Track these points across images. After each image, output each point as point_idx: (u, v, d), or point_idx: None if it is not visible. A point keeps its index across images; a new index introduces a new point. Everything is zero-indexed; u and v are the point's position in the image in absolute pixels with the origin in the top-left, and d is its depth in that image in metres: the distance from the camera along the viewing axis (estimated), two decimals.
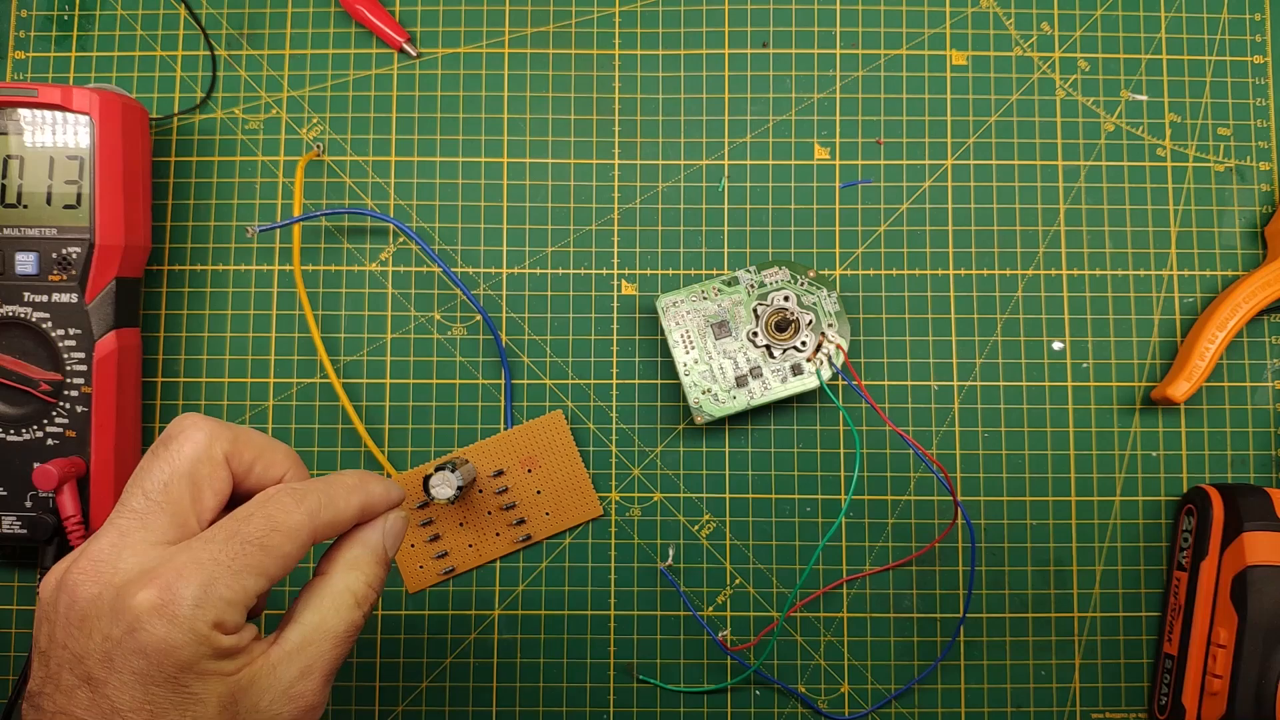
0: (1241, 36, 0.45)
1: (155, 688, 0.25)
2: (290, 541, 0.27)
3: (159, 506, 0.27)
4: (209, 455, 0.28)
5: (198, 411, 0.29)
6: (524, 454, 0.42)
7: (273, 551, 0.27)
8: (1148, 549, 0.43)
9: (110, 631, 0.25)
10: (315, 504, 0.28)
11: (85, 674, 0.25)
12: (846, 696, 0.42)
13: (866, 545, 0.43)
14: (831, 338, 0.41)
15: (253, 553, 0.26)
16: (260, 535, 0.27)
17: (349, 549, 0.30)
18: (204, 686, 0.26)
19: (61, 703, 0.25)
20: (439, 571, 0.42)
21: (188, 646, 0.25)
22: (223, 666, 0.26)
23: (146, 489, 0.27)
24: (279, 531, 0.27)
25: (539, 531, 0.43)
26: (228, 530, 0.27)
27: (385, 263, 0.44)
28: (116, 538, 0.27)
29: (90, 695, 0.25)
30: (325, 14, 0.45)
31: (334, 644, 0.29)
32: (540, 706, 0.42)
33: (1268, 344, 0.44)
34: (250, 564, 0.26)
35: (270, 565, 0.27)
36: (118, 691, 0.25)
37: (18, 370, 0.39)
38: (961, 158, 0.45)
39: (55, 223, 0.39)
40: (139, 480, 0.28)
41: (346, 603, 0.29)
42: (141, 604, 0.25)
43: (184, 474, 0.28)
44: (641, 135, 0.45)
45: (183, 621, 0.25)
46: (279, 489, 0.28)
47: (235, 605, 0.26)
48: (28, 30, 0.45)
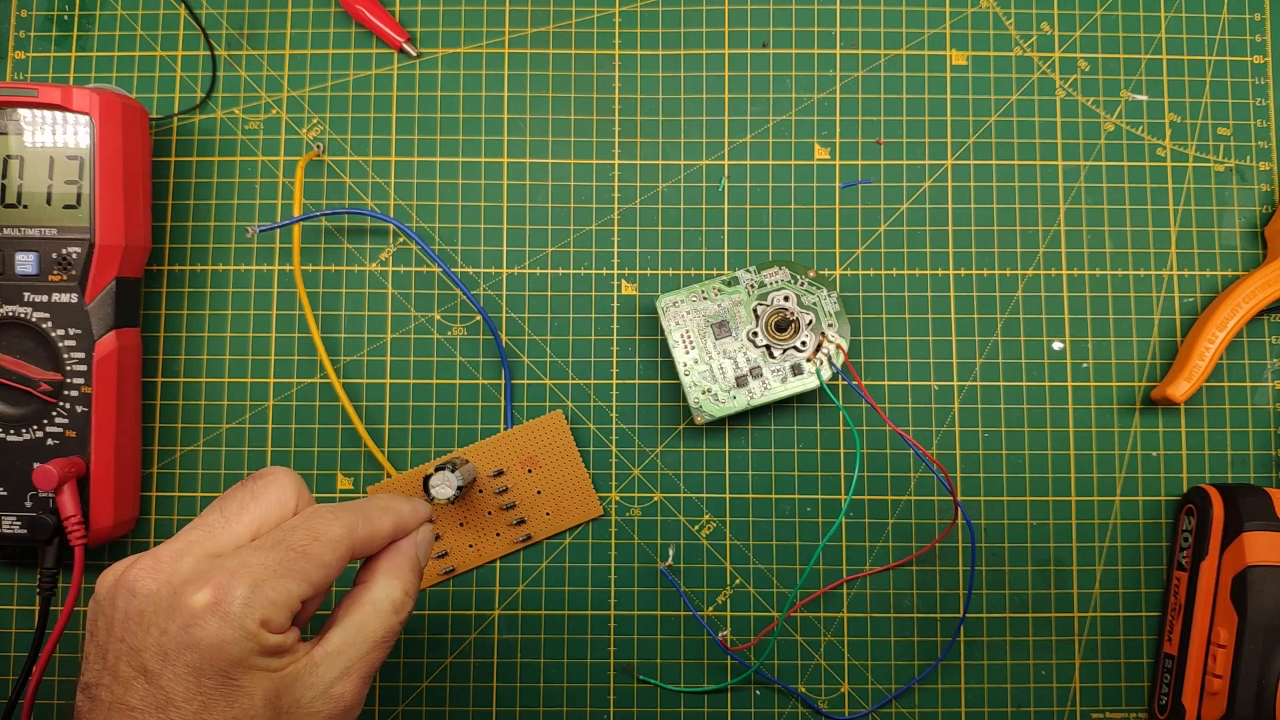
0: (1241, 36, 0.45)
1: (207, 680, 0.27)
2: (331, 551, 0.30)
3: (230, 523, 0.30)
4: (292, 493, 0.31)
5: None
6: (524, 454, 0.42)
7: (315, 559, 0.29)
8: (1148, 549, 0.43)
9: (167, 627, 0.27)
10: (353, 519, 0.31)
11: (142, 666, 0.27)
12: (846, 696, 0.42)
13: (866, 545, 0.43)
14: (831, 338, 0.41)
15: (296, 559, 0.29)
16: (304, 544, 0.29)
17: (387, 559, 0.33)
18: (251, 681, 0.27)
19: (119, 693, 0.27)
20: (439, 571, 0.42)
21: (237, 643, 0.27)
22: (269, 663, 0.28)
23: (226, 508, 0.30)
24: (320, 541, 0.29)
25: (539, 531, 0.43)
26: (274, 539, 0.29)
27: (385, 263, 0.44)
28: (183, 545, 0.29)
29: (146, 686, 0.27)
30: (325, 14, 0.45)
31: (373, 647, 0.31)
32: (540, 706, 0.42)
33: (1268, 344, 0.44)
34: (294, 569, 0.29)
35: (313, 572, 0.29)
36: (172, 683, 0.27)
37: (18, 370, 0.39)
38: (961, 158, 0.45)
39: (55, 223, 0.39)
40: (221, 503, 0.30)
41: (385, 609, 0.31)
42: (197, 603, 0.27)
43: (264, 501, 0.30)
44: (641, 135, 0.45)
45: (234, 619, 0.27)
46: (318, 508, 0.31)
47: (280, 606, 0.28)
48: (28, 30, 0.45)
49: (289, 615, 0.28)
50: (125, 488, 0.41)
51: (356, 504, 0.32)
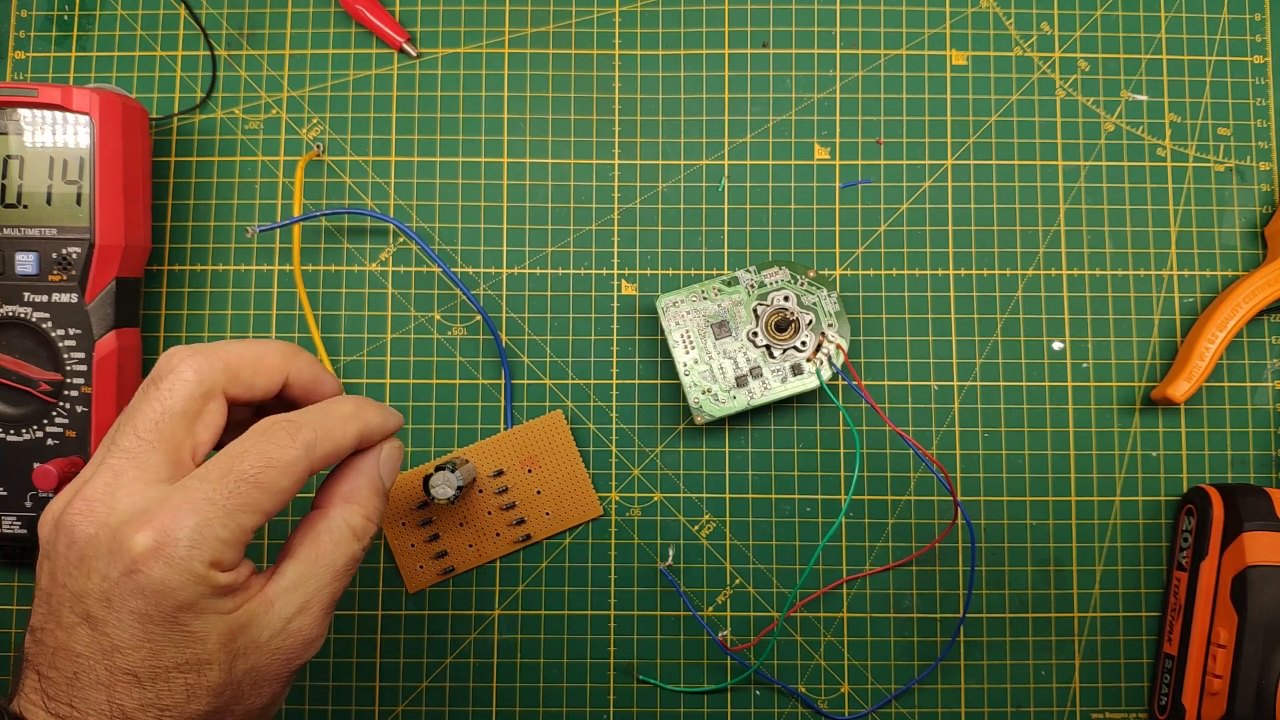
0: (1241, 36, 0.45)
1: (154, 626, 0.25)
2: (286, 477, 0.27)
3: (151, 446, 0.27)
4: (202, 392, 0.28)
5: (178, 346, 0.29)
6: (524, 454, 0.42)
7: (268, 488, 0.27)
8: (1148, 549, 0.43)
9: (108, 572, 0.25)
10: (311, 437, 0.28)
11: (85, 612, 0.26)
12: (846, 696, 0.42)
13: (866, 545, 0.43)
14: (831, 338, 0.41)
15: (248, 490, 0.26)
16: (255, 472, 0.27)
17: (346, 481, 0.30)
18: (203, 624, 0.26)
19: (62, 639, 0.26)
20: (439, 571, 0.42)
21: (185, 587, 0.25)
22: (221, 605, 0.26)
23: (139, 428, 0.27)
24: (274, 468, 0.27)
25: (539, 531, 0.43)
26: (222, 468, 0.27)
27: (385, 263, 0.44)
28: (110, 478, 0.26)
29: (90, 633, 0.26)
30: (325, 14, 0.45)
31: (333, 578, 0.29)
32: (540, 706, 0.42)
33: (1268, 344, 0.44)
34: (246, 502, 0.26)
35: (266, 501, 0.27)
36: (117, 630, 0.25)
37: (18, 370, 0.39)
38: (961, 158, 0.45)
39: (55, 223, 0.39)
40: (130, 419, 0.27)
41: (345, 536, 0.29)
42: (138, 546, 0.25)
43: (177, 412, 0.27)
44: (641, 135, 0.45)
45: (179, 563, 0.25)
46: (273, 423, 0.28)
47: (231, 544, 0.26)
48: (28, 30, 0.45)
49: (241, 551, 0.27)
50: None
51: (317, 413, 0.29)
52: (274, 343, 0.30)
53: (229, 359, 0.28)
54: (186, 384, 0.27)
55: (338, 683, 0.42)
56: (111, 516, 0.26)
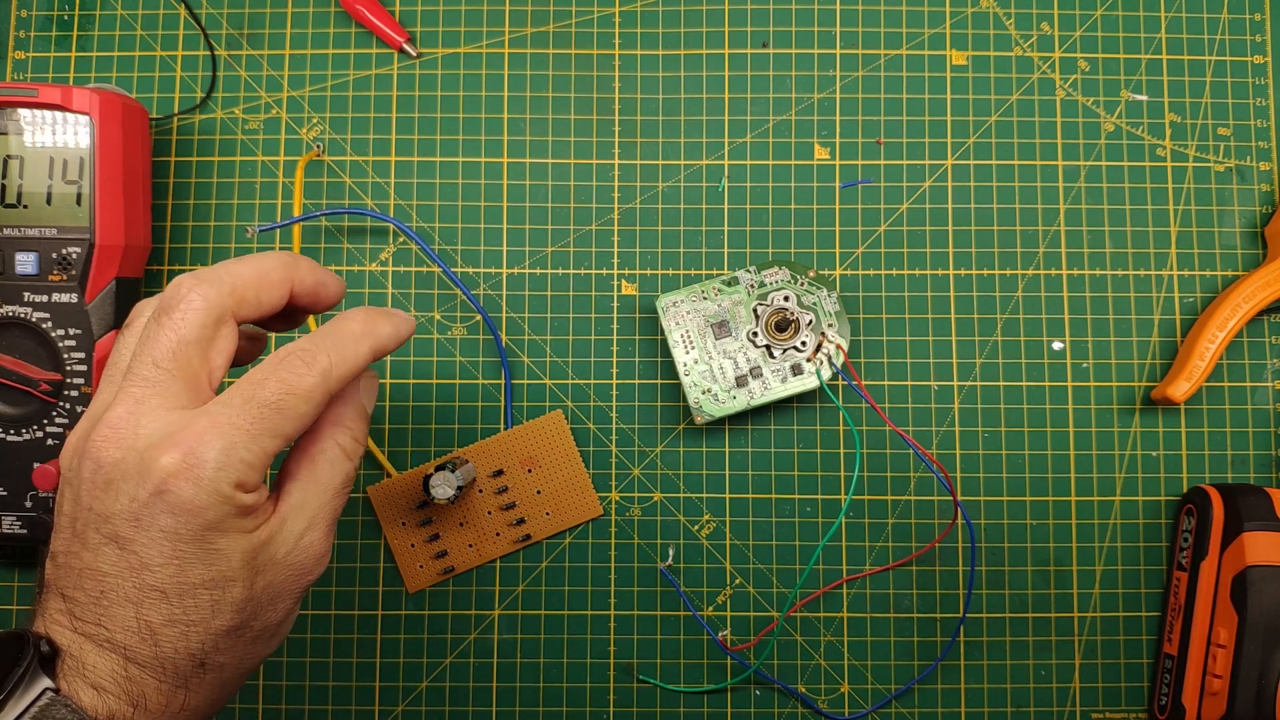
0: (1241, 36, 0.45)
1: (183, 544, 0.26)
2: (305, 403, 0.28)
3: (170, 374, 0.28)
4: (215, 319, 0.28)
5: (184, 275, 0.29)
6: (524, 454, 0.42)
7: (289, 413, 0.28)
8: (1148, 549, 0.43)
9: (136, 493, 0.26)
10: (327, 363, 0.29)
11: (113, 533, 0.26)
12: (846, 696, 0.42)
13: (866, 545, 0.43)
14: (831, 338, 0.41)
15: (270, 416, 0.27)
16: (276, 399, 0.27)
17: (332, 409, 0.31)
18: (228, 542, 0.27)
19: (89, 560, 0.27)
20: (439, 571, 0.42)
21: (213, 507, 0.26)
22: (244, 524, 0.27)
23: (156, 358, 0.28)
24: (294, 394, 0.28)
25: (539, 531, 0.43)
26: (244, 394, 0.27)
27: (385, 263, 0.44)
28: (133, 405, 0.27)
29: (118, 552, 0.26)
30: (325, 14, 0.45)
31: (333, 495, 0.30)
32: (540, 706, 0.42)
33: (1268, 344, 0.44)
34: (268, 427, 0.27)
35: (287, 426, 0.28)
36: (145, 549, 0.26)
37: (18, 370, 0.39)
38: (961, 158, 0.45)
39: (55, 223, 0.39)
40: (146, 349, 0.28)
41: (338, 456, 0.30)
42: (167, 466, 0.26)
43: (192, 340, 0.28)
44: (641, 135, 0.45)
45: (207, 483, 0.26)
46: (289, 352, 0.29)
47: (255, 467, 0.27)
48: (28, 30, 0.45)
49: (263, 474, 0.28)
50: None
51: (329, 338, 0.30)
52: (274, 255, 0.30)
53: (235, 282, 0.29)
54: (198, 312, 0.28)
55: (338, 683, 0.42)
56: (138, 440, 0.26)
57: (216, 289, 0.29)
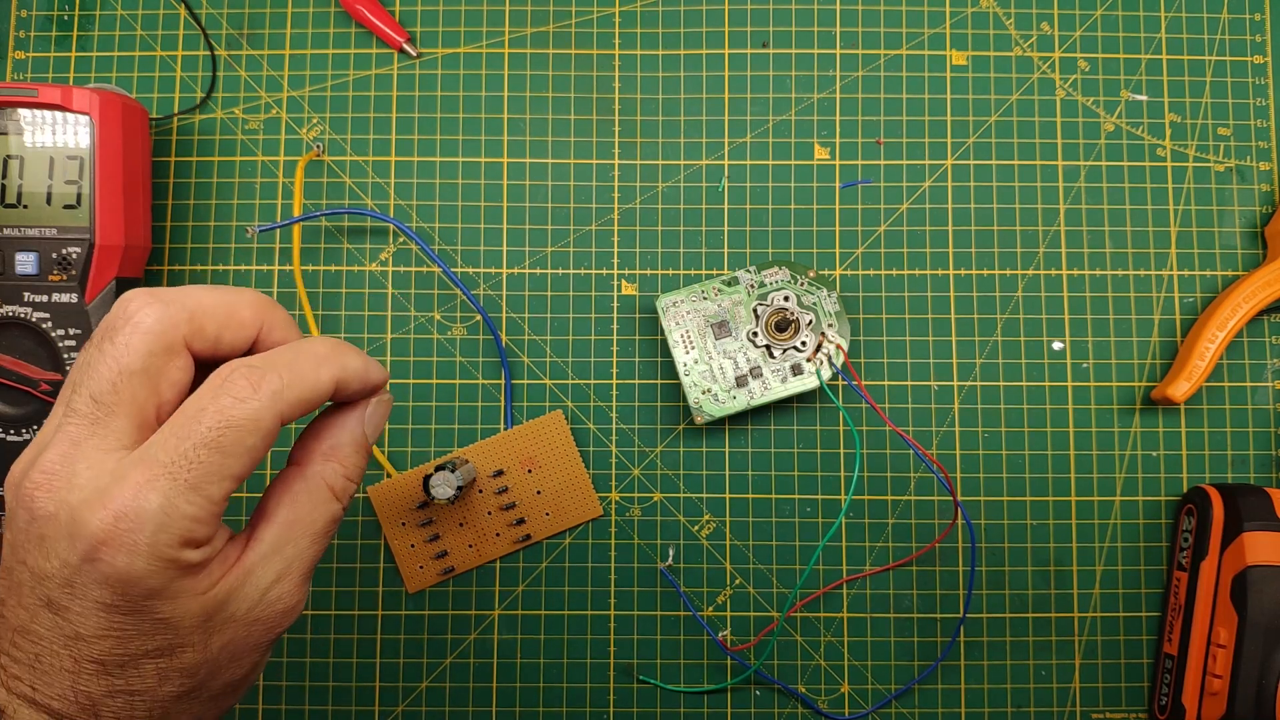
0: (1241, 36, 0.45)
1: (120, 616, 0.23)
2: (251, 433, 0.24)
3: (110, 410, 0.24)
4: (164, 346, 0.24)
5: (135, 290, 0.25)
6: (524, 454, 0.42)
7: (230, 450, 0.24)
8: (1148, 549, 0.43)
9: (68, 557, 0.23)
10: (277, 384, 0.24)
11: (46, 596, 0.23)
12: (846, 696, 0.42)
13: (866, 545, 0.43)
14: (831, 338, 0.41)
15: (209, 457, 0.23)
16: (214, 435, 0.23)
17: (326, 436, 0.28)
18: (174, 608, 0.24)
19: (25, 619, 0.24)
20: (439, 571, 0.42)
21: (153, 574, 0.23)
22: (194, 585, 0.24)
23: (95, 391, 0.24)
24: (233, 427, 0.24)
25: (539, 531, 0.43)
26: (179, 432, 0.23)
27: (385, 263, 0.44)
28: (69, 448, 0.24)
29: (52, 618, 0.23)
30: (325, 14, 0.45)
31: (312, 541, 0.27)
32: (540, 706, 0.42)
33: (1268, 344, 0.44)
34: (210, 471, 0.23)
35: (233, 465, 0.24)
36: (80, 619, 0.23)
37: (18, 370, 0.39)
38: (961, 158, 0.45)
39: (55, 223, 0.39)
40: (84, 380, 0.24)
41: (324, 497, 0.27)
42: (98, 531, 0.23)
43: (135, 371, 0.24)
44: (641, 135, 0.45)
45: (144, 549, 0.23)
46: (233, 369, 0.24)
47: (201, 520, 0.23)
48: (28, 30, 0.45)
49: (214, 523, 0.24)
50: None
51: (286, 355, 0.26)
52: (246, 292, 0.26)
53: (194, 309, 0.25)
54: (146, 337, 0.24)
55: (338, 683, 0.42)
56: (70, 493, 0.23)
57: (170, 311, 0.25)
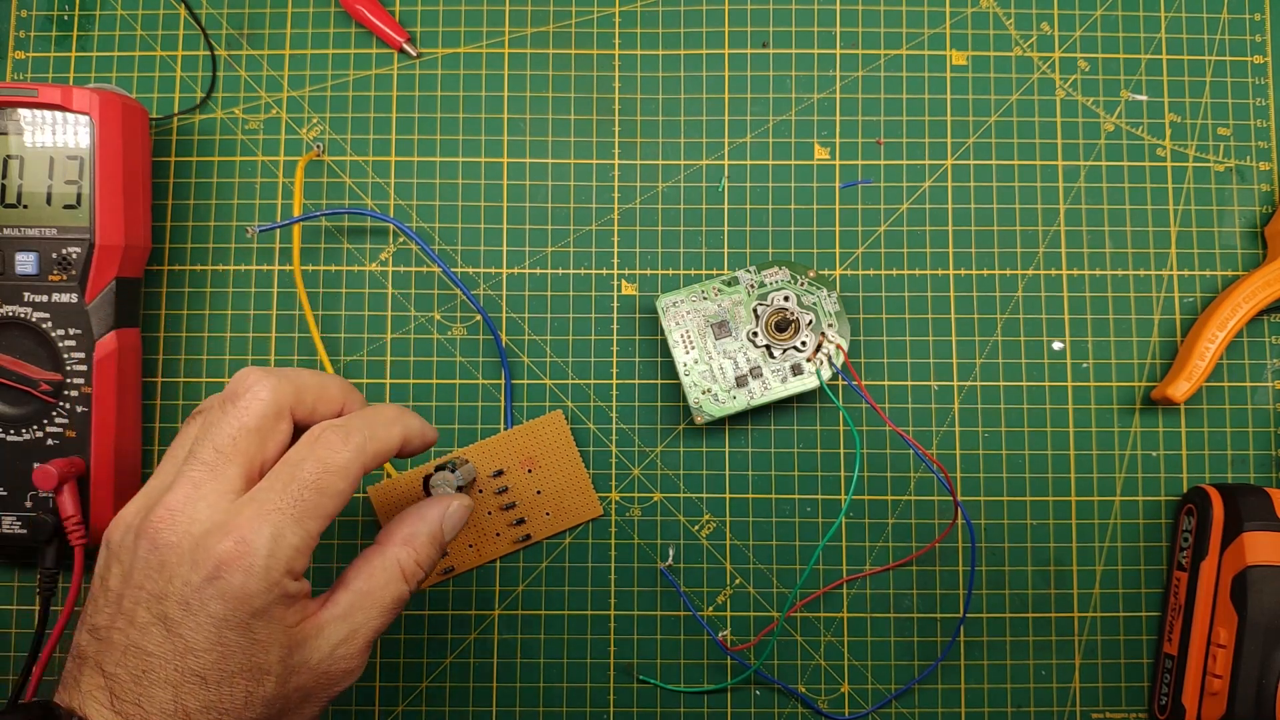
0: (1241, 36, 0.45)
1: (228, 631, 0.27)
2: (342, 479, 0.29)
3: (229, 459, 0.29)
4: (275, 411, 0.30)
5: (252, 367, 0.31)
6: (524, 454, 0.42)
7: (327, 492, 0.29)
8: (1148, 549, 0.43)
9: (190, 578, 0.27)
10: (361, 439, 0.30)
11: (162, 614, 0.27)
12: (846, 696, 0.42)
13: (866, 545, 0.43)
14: (831, 338, 0.41)
15: (310, 497, 0.29)
16: (314, 479, 0.29)
17: (408, 524, 0.33)
18: (269, 633, 0.28)
19: (135, 637, 0.27)
20: (439, 571, 0.42)
21: (261, 594, 0.27)
22: (287, 616, 0.28)
23: (218, 443, 0.29)
24: (330, 473, 0.29)
25: (539, 531, 0.43)
26: (284, 477, 0.29)
27: (385, 263, 0.44)
28: (191, 489, 0.29)
29: (164, 634, 0.27)
30: (325, 14, 0.45)
31: (379, 613, 0.31)
32: (540, 706, 0.42)
33: (1268, 344, 0.44)
34: (310, 509, 0.29)
35: (327, 505, 0.29)
36: (192, 632, 0.27)
37: (18, 370, 0.39)
38: (961, 158, 0.45)
39: (55, 223, 0.39)
40: (210, 434, 0.29)
41: (395, 576, 0.31)
42: (221, 555, 0.27)
43: (252, 429, 0.29)
44: (641, 135, 0.45)
45: (259, 571, 0.27)
46: (324, 429, 0.30)
47: (302, 551, 0.28)
48: (28, 30, 0.45)
49: (308, 558, 0.29)
50: (125, 488, 0.41)
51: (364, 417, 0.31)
52: (335, 376, 0.33)
53: (298, 383, 0.31)
54: (262, 403, 0.30)
55: None
56: (193, 526, 0.28)
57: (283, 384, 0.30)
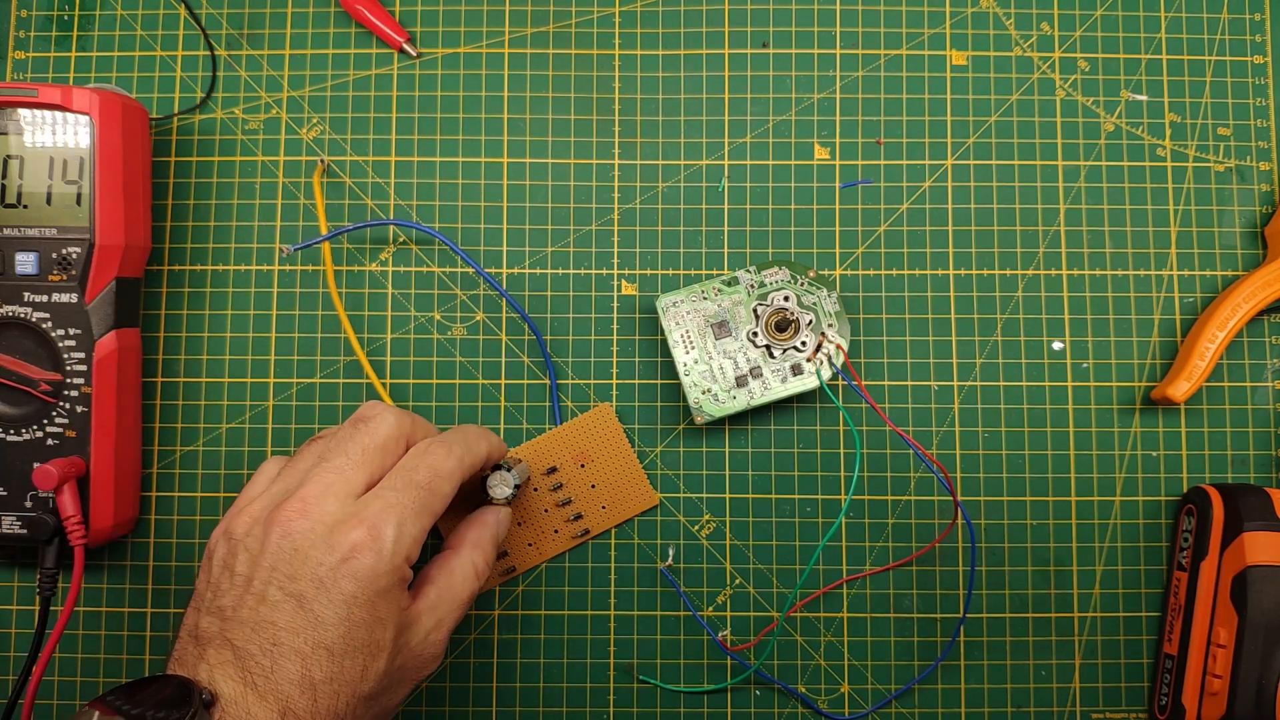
0: (1241, 36, 0.45)
1: (356, 608, 0.31)
2: (448, 483, 0.34)
3: (358, 467, 0.33)
4: (399, 434, 0.35)
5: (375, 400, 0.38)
6: (575, 449, 0.42)
7: (438, 493, 0.34)
8: (1148, 549, 0.43)
9: (325, 559, 0.31)
10: (461, 450, 0.35)
11: (296, 591, 0.31)
12: (846, 696, 0.42)
13: (866, 545, 0.43)
14: (831, 338, 0.41)
15: (424, 496, 0.33)
16: (427, 481, 0.34)
17: (474, 530, 0.37)
18: (388, 613, 0.32)
19: (266, 614, 0.31)
20: (501, 572, 0.42)
21: (386, 575, 0.31)
22: (402, 599, 0.32)
23: (349, 452, 0.34)
24: (440, 477, 0.34)
25: (596, 525, 0.43)
26: (403, 479, 0.33)
27: (385, 263, 0.44)
28: (323, 487, 0.33)
29: (296, 608, 0.30)
30: (325, 14, 0.45)
31: (459, 605, 0.35)
32: (540, 706, 0.42)
33: (1268, 344, 0.44)
34: (424, 506, 0.33)
35: (436, 504, 0.34)
36: (324, 608, 0.30)
37: (18, 370, 0.39)
38: (961, 158, 0.45)
39: (55, 223, 0.39)
40: (341, 446, 0.34)
41: (470, 574, 0.36)
42: (355, 540, 0.31)
43: (379, 446, 0.34)
44: (641, 135, 0.45)
45: (387, 555, 0.31)
46: (430, 443, 0.35)
47: (417, 541, 0.33)
48: (28, 30, 0.45)
49: (420, 547, 0.33)
50: (125, 488, 0.41)
51: (458, 434, 0.36)
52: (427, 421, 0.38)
53: (414, 419, 0.36)
54: (390, 425, 0.35)
55: None
56: (325, 515, 0.32)
57: (405, 415, 0.36)
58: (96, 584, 0.43)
